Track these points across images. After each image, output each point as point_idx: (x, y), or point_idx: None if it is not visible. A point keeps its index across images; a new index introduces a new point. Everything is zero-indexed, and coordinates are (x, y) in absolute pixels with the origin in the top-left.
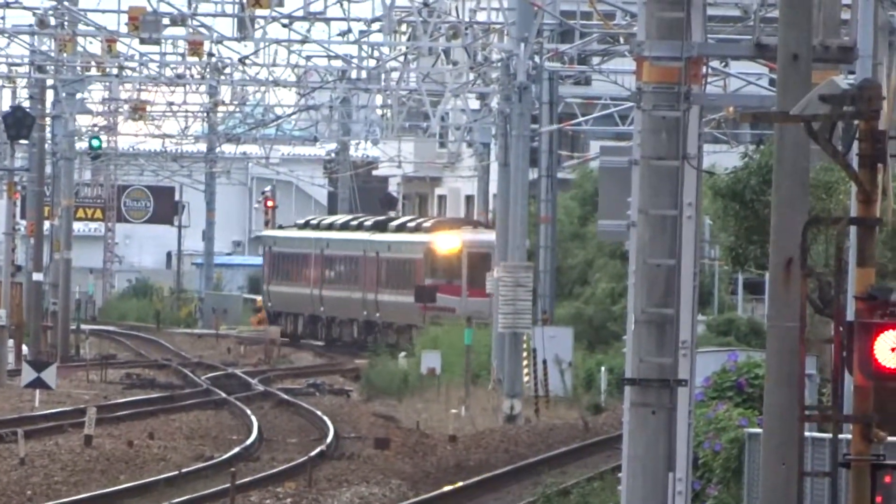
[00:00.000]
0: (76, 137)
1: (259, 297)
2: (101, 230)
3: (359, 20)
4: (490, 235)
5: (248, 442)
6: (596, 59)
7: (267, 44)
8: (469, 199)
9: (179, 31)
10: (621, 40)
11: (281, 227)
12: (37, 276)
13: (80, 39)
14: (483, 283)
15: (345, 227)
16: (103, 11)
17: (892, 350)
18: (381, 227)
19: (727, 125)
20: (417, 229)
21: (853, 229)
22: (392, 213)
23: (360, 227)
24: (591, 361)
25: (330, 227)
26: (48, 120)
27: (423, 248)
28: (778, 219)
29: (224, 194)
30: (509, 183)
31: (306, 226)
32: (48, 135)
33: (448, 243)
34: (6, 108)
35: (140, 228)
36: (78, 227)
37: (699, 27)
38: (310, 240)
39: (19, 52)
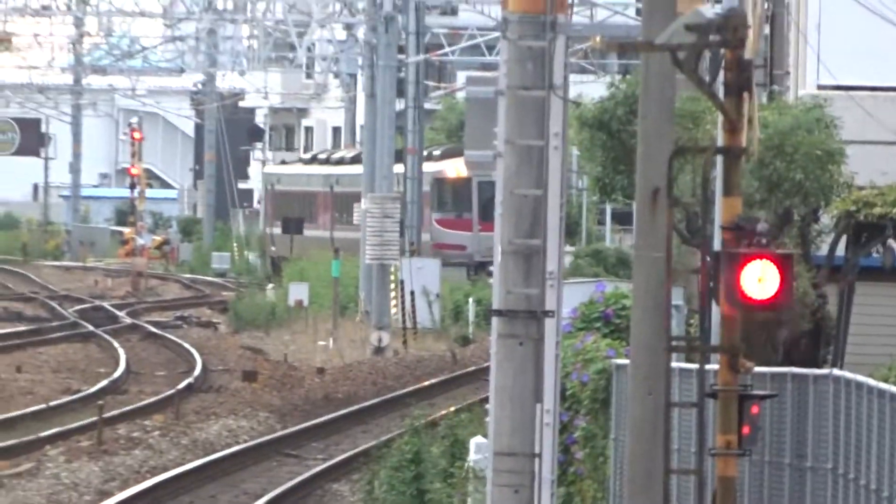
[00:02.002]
0: None
1: (128, 230)
2: None
3: None
4: None
5: (116, 375)
6: None
7: None
8: (336, 130)
9: None
10: None
11: (284, 163)
12: None
13: None
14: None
15: (355, 160)
16: None
17: (759, 280)
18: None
19: (594, 55)
20: (428, 158)
21: (719, 159)
22: (258, 145)
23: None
24: (459, 293)
25: (340, 161)
26: None
27: (427, 179)
28: (644, 149)
29: (90, 126)
30: (376, 114)
31: (313, 160)
32: None
33: (453, 171)
34: None
35: (6, 160)
36: None
37: None
38: (318, 176)
39: None
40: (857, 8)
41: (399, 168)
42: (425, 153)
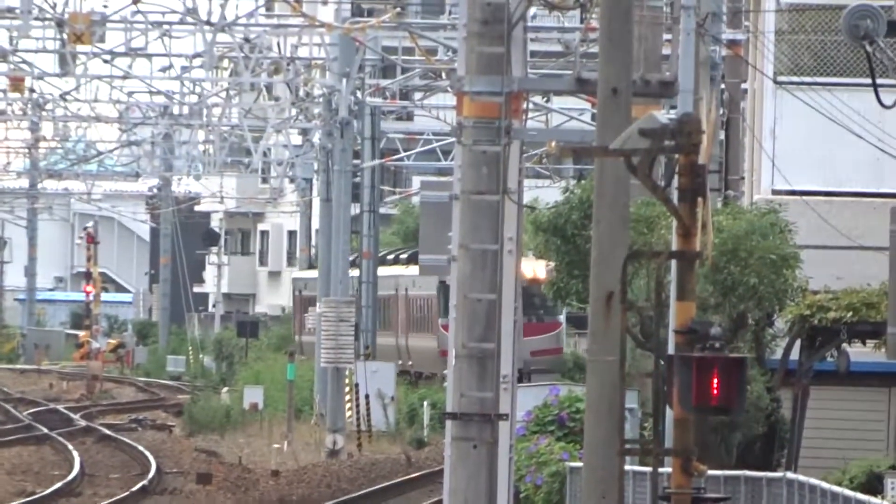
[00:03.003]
0: None
1: (83, 332)
2: None
3: (180, 56)
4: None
5: (70, 477)
6: (418, 95)
7: (88, 79)
8: (292, 234)
9: (0, 66)
10: (443, 76)
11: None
12: None
13: None
14: (542, 317)
15: (382, 261)
16: None
17: (712, 384)
18: (414, 259)
19: (549, 160)
20: (395, 262)
21: (674, 263)
22: (214, 249)
23: (396, 261)
24: (413, 396)
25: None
26: None
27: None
28: (598, 253)
29: (46, 230)
30: (331, 218)
31: (395, 261)
32: None
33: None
34: None
35: None
36: None
37: (519, 62)
38: (391, 278)
39: None
40: (812, 114)
41: (354, 272)
42: (391, 256)
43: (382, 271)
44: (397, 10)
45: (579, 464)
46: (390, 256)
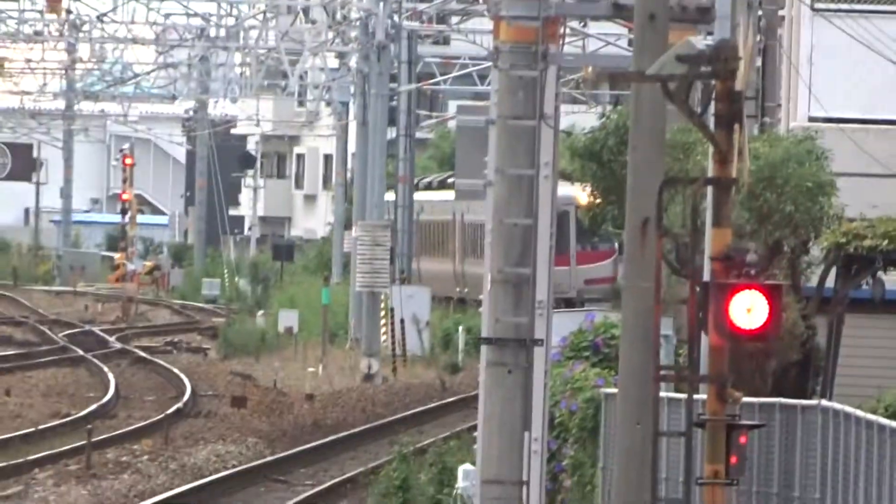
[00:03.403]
0: None
1: (118, 254)
2: None
3: None
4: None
5: (105, 399)
6: (455, 19)
7: (125, 1)
8: (328, 158)
9: None
10: (480, 0)
11: (430, 187)
12: None
13: None
14: (562, 249)
15: (442, 184)
16: None
17: (748, 311)
18: None
19: (585, 85)
20: (441, 186)
21: (710, 190)
22: (250, 172)
23: (448, 186)
24: (449, 321)
25: (428, 186)
26: None
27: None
28: (634, 179)
29: (82, 152)
30: (367, 142)
31: (443, 185)
32: None
33: None
34: None
35: None
36: None
37: None
38: (447, 203)
39: None
40: (849, 41)
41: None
42: (449, 180)
43: (437, 195)
44: None
45: (614, 390)
46: (448, 180)
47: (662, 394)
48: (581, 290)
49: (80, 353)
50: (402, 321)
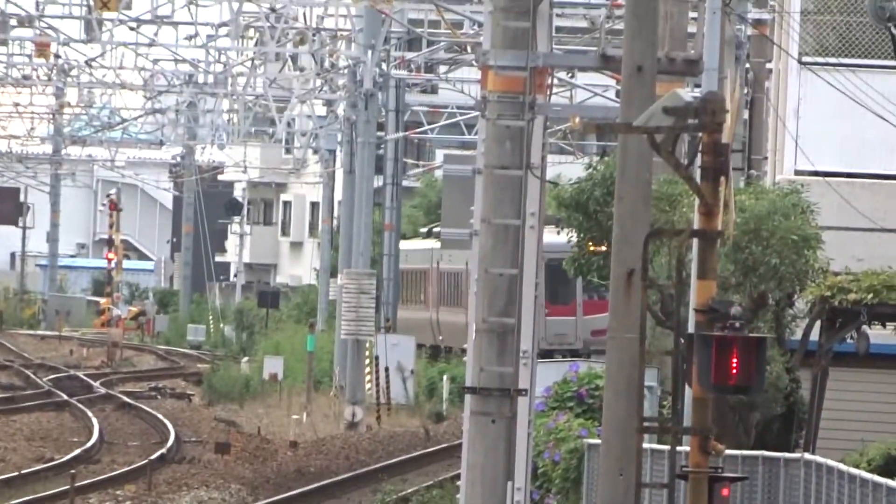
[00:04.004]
0: None
1: (104, 299)
2: None
3: (206, 24)
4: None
5: (89, 444)
6: (443, 68)
7: (114, 46)
8: (314, 205)
9: (26, 32)
10: (468, 49)
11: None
12: None
13: None
14: (567, 297)
15: (429, 233)
16: None
17: (732, 363)
18: None
19: (573, 136)
20: (428, 235)
21: (695, 242)
22: (236, 219)
23: (430, 234)
24: (433, 370)
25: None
26: None
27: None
28: (620, 230)
29: (69, 196)
30: (354, 190)
31: (429, 234)
32: None
33: None
34: None
35: None
36: None
37: (545, 38)
38: (425, 252)
39: None
40: (836, 95)
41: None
42: (425, 230)
43: (416, 244)
44: None
45: (598, 441)
46: (434, 229)
47: (646, 445)
48: (588, 341)
49: (65, 397)
50: (386, 369)
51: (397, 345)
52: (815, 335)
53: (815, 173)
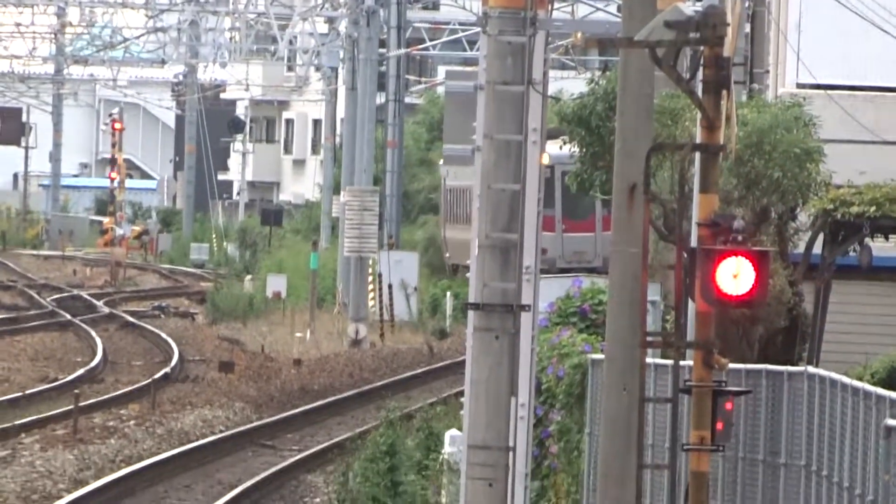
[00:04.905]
0: None
1: (107, 219)
2: None
3: None
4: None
5: (93, 364)
6: None
7: None
8: (317, 122)
9: None
10: None
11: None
12: None
13: None
14: (584, 213)
15: None
16: None
17: (734, 277)
18: None
19: (574, 51)
20: None
21: (697, 156)
22: (239, 137)
23: None
24: (436, 287)
25: None
26: None
27: None
28: (622, 144)
29: (71, 116)
30: (356, 107)
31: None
32: None
33: None
34: None
35: None
36: None
37: None
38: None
39: None
40: (838, 8)
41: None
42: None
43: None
44: None
45: (601, 356)
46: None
47: (649, 360)
48: (608, 259)
49: (69, 317)
50: (389, 286)
51: (400, 262)
52: (818, 248)
53: (817, 86)
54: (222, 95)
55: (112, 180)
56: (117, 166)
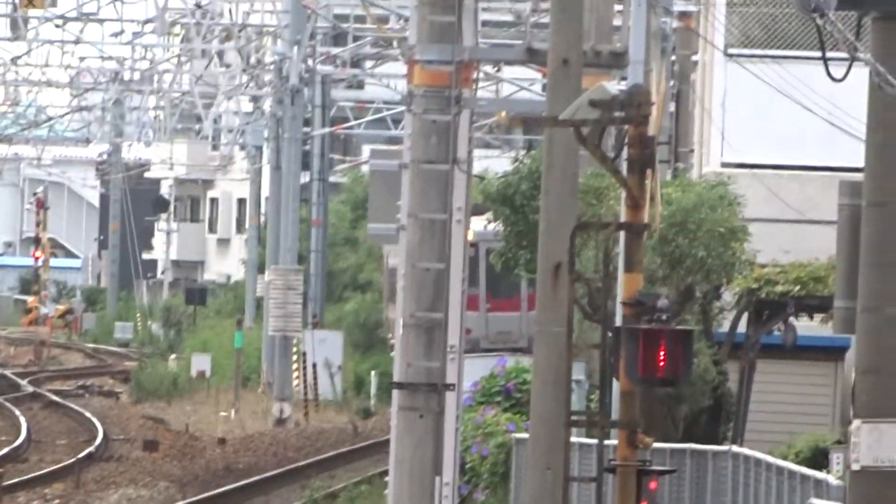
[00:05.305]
0: None
1: (31, 298)
2: None
3: (132, 21)
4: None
5: (17, 443)
6: (368, 63)
7: (40, 44)
8: (241, 202)
9: None
10: (394, 44)
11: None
12: None
13: None
14: (510, 291)
15: None
16: None
17: (659, 356)
18: None
19: (499, 130)
20: None
21: (622, 234)
22: (163, 216)
23: None
24: (362, 365)
25: None
26: None
27: None
28: (547, 223)
29: None
30: (281, 186)
31: None
32: None
33: None
34: None
35: None
36: None
37: (471, 31)
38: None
39: None
40: (762, 87)
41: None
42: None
43: None
44: None
45: (525, 435)
46: None
47: (574, 439)
48: (532, 338)
49: None
50: (314, 365)
51: (325, 340)
52: (742, 327)
53: (742, 165)
54: (147, 174)
55: (36, 259)
56: (41, 245)
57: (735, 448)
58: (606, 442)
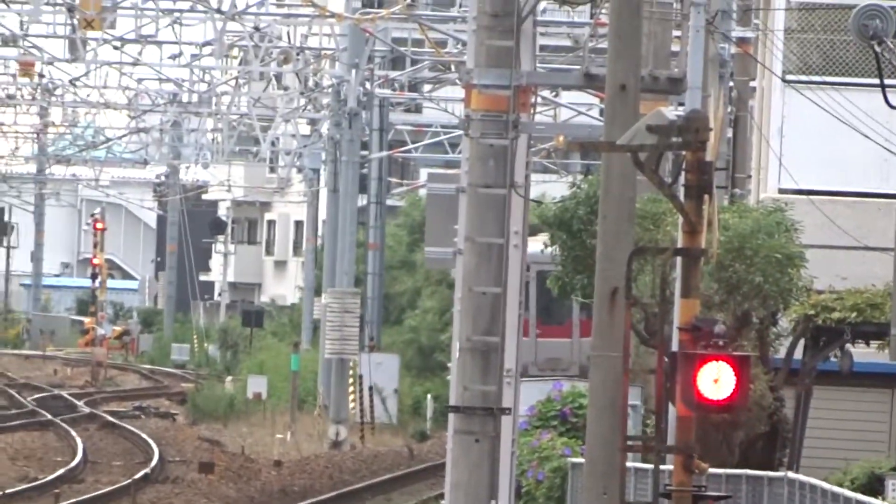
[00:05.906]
0: None
1: (88, 319)
2: None
3: (190, 44)
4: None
5: (73, 464)
6: (426, 87)
7: (98, 65)
8: (298, 224)
9: (10, 51)
10: (452, 68)
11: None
12: None
13: None
14: (561, 317)
15: None
16: None
17: (715, 382)
18: None
19: (556, 154)
20: None
21: (679, 260)
22: (220, 238)
23: None
24: (418, 389)
25: None
26: None
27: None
28: (603, 248)
29: (53, 216)
30: (338, 209)
31: None
32: None
33: None
34: None
35: None
36: None
37: (528, 56)
38: None
39: None
40: (820, 113)
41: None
42: None
43: None
44: (408, 1)
45: (581, 459)
46: None
47: (629, 464)
48: (585, 367)
49: (49, 416)
50: (370, 388)
51: (381, 364)
52: (798, 353)
53: (799, 192)
54: (204, 196)
55: (93, 280)
56: (99, 266)
57: (791, 474)
58: (662, 467)
